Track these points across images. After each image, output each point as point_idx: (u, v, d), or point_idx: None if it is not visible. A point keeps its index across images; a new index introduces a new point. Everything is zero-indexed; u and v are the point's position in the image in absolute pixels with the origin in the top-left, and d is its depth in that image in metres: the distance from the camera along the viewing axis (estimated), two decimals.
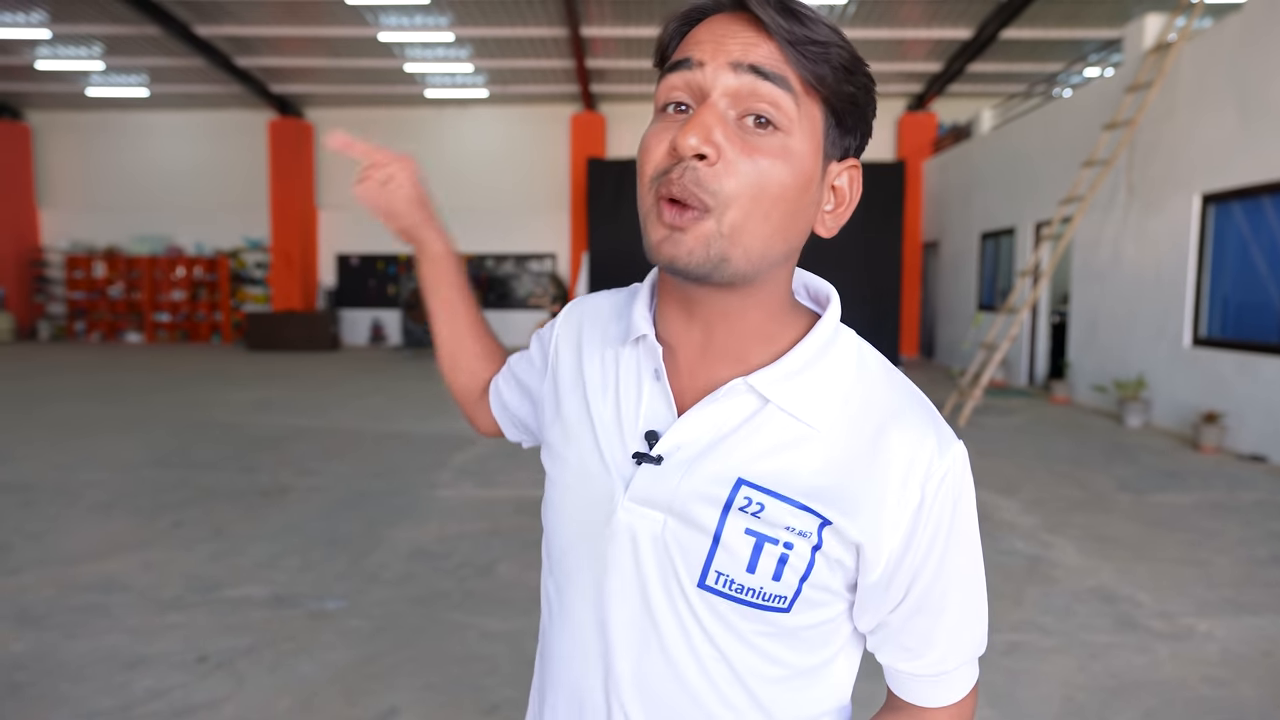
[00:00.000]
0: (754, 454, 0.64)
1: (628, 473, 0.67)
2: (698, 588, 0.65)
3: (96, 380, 10.20)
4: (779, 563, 0.63)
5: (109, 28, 11.60)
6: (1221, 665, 2.85)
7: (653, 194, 0.62)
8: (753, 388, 0.65)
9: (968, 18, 11.14)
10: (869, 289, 11.70)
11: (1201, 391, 6.85)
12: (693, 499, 0.64)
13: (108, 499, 4.80)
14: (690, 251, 0.60)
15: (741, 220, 0.60)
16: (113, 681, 2.65)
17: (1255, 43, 6.38)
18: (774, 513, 0.63)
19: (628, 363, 0.71)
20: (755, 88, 0.60)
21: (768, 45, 0.60)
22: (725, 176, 0.59)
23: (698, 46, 0.62)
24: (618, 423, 0.69)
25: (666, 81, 0.63)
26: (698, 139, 0.58)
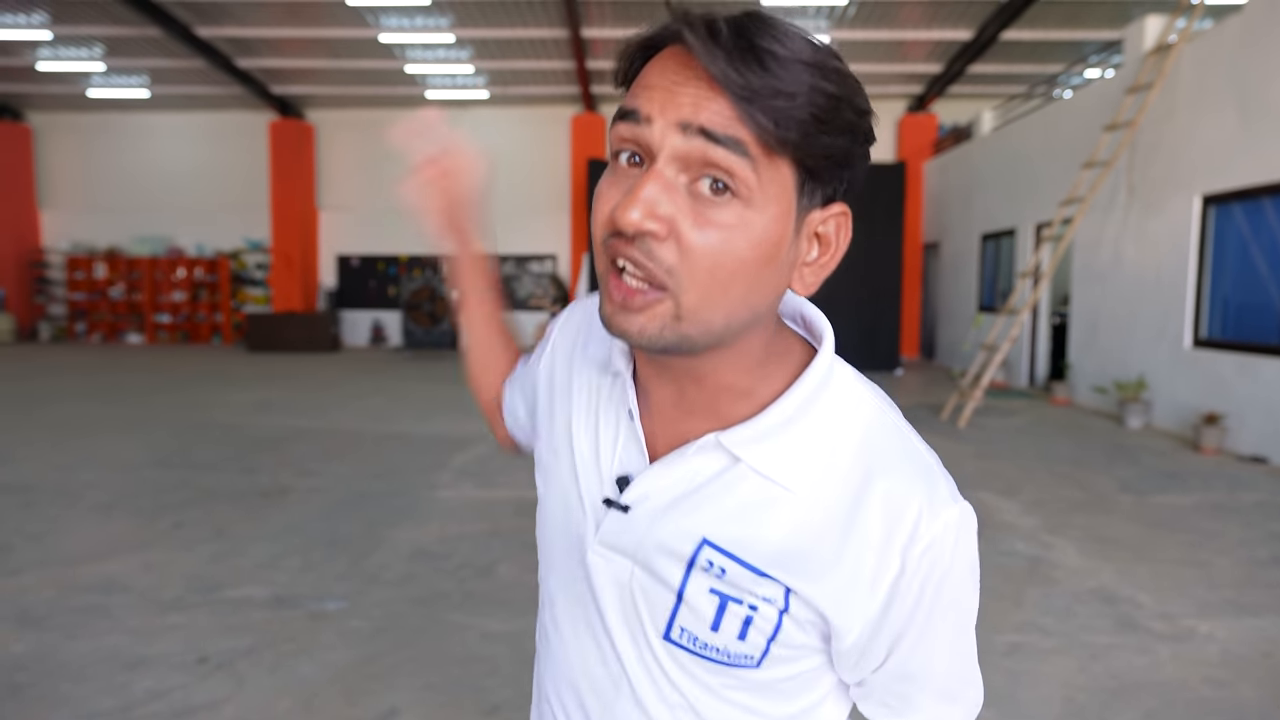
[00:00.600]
0: (721, 514, 0.60)
1: (599, 514, 0.65)
2: (663, 640, 0.63)
3: (97, 381, 10.20)
4: (744, 623, 0.60)
5: (110, 29, 11.62)
6: (1222, 666, 2.84)
7: (605, 257, 0.56)
8: (723, 446, 0.60)
9: (968, 19, 11.15)
10: (869, 290, 11.70)
11: (1202, 392, 6.85)
12: (657, 553, 0.62)
13: (108, 500, 4.80)
14: (642, 330, 0.55)
15: (700, 299, 0.54)
16: (113, 682, 2.65)
17: (1255, 44, 6.38)
18: (736, 577, 0.60)
19: (609, 393, 0.69)
20: (706, 153, 0.52)
21: (720, 100, 0.51)
22: (678, 253, 0.53)
23: (647, 94, 0.54)
24: (595, 459, 0.67)
25: (616, 130, 0.56)
26: (640, 214, 0.52)
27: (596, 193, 0.58)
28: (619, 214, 0.53)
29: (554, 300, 12.90)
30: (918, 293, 14.13)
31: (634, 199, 0.52)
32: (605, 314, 0.57)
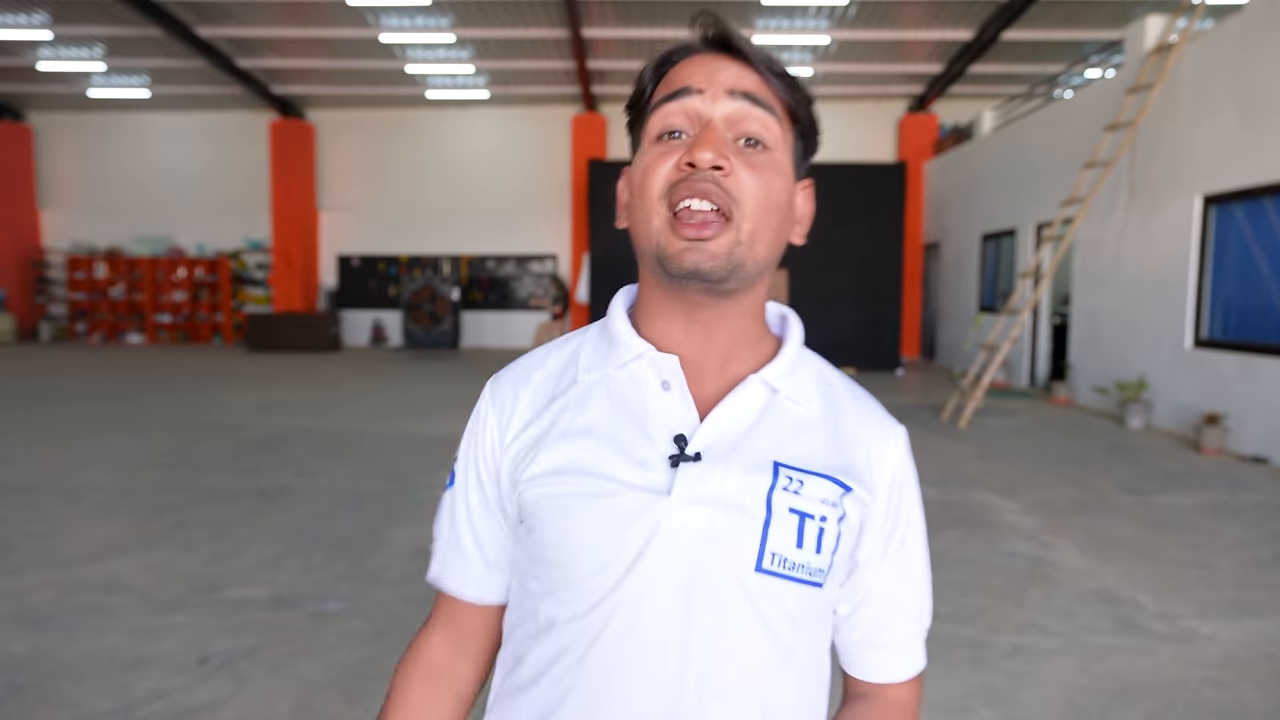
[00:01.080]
0: (777, 440, 0.71)
1: (664, 479, 0.68)
2: (756, 572, 0.68)
3: (98, 381, 10.20)
4: (818, 536, 0.70)
5: (110, 29, 11.62)
6: (1223, 667, 2.84)
7: (664, 206, 0.68)
8: (766, 382, 0.73)
9: (969, 19, 11.15)
10: (870, 290, 11.71)
11: (1203, 393, 6.84)
12: (740, 487, 0.68)
13: (109, 500, 4.80)
14: (714, 257, 0.66)
15: (755, 229, 0.68)
16: (114, 683, 2.64)
17: (1256, 44, 6.37)
18: (810, 488, 0.70)
19: (621, 384, 0.73)
20: (749, 112, 0.69)
21: (753, 76, 0.70)
22: (738, 187, 0.67)
23: (691, 77, 0.69)
24: (638, 436, 0.70)
25: (662, 110, 0.70)
26: (713, 153, 0.66)
27: (641, 168, 0.70)
28: (695, 154, 0.66)
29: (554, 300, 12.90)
30: (918, 293, 14.13)
31: (706, 143, 0.67)
32: (673, 252, 0.67)
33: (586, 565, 0.69)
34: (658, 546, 0.67)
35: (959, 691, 2.65)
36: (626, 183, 0.76)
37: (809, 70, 13.26)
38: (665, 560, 0.67)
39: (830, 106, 14.93)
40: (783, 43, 12.06)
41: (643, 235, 0.70)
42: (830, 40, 11.87)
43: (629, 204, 0.74)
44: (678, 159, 0.68)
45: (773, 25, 11.50)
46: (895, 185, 11.68)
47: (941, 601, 3.38)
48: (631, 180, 0.73)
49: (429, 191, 15.44)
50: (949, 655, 2.90)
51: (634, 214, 0.71)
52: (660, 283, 0.72)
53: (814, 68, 13.15)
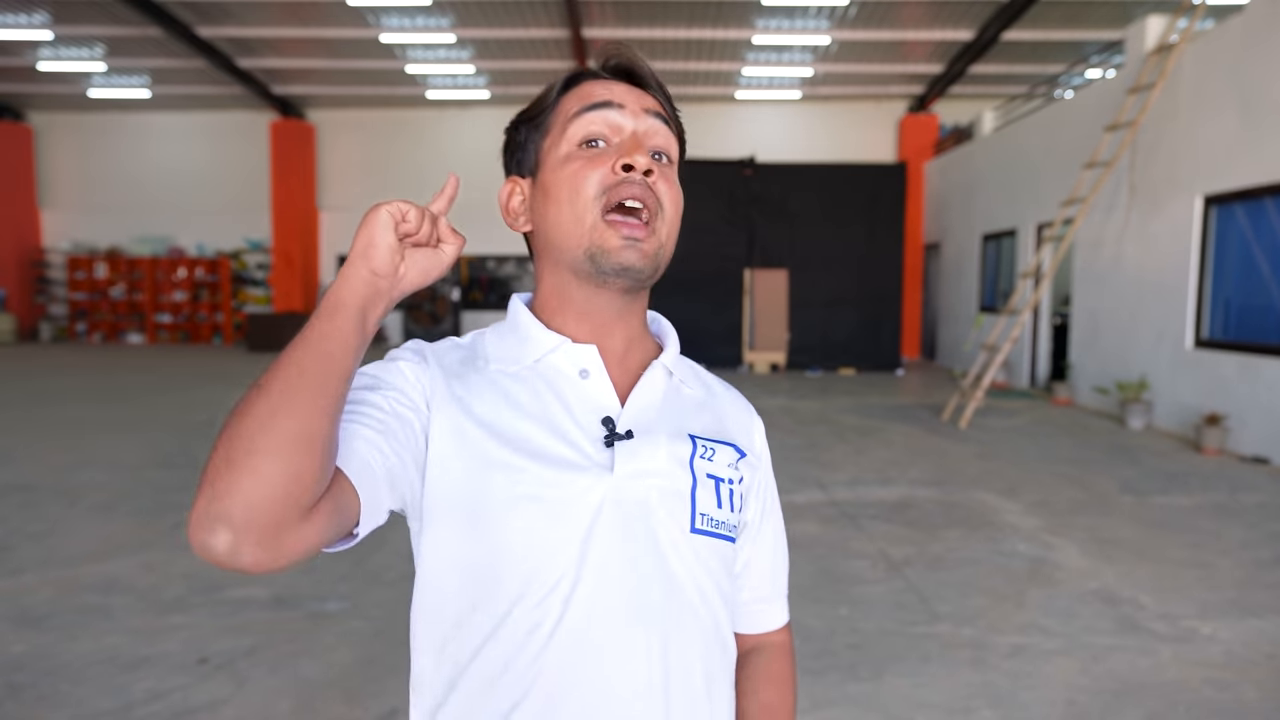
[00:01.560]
0: (684, 414, 0.81)
1: (603, 458, 0.73)
2: (691, 533, 0.75)
3: (98, 381, 10.20)
4: (730, 496, 0.78)
5: (111, 29, 11.62)
6: (1224, 668, 2.84)
7: (598, 207, 0.73)
8: (665, 367, 0.81)
9: (969, 19, 11.14)
10: (870, 290, 11.71)
11: (1203, 393, 6.84)
12: (669, 457, 0.75)
13: (109, 500, 4.79)
14: (644, 256, 0.74)
15: (669, 233, 0.77)
16: (113, 683, 2.64)
17: (1257, 44, 6.37)
18: (719, 455, 0.79)
19: (536, 377, 0.77)
20: (659, 129, 0.78)
21: (652, 99, 0.79)
22: (660, 194, 0.75)
23: (608, 94, 0.77)
24: (565, 423, 0.74)
25: (584, 119, 0.75)
26: (645, 159, 0.74)
27: (570, 173, 0.75)
28: (633, 156, 0.73)
29: None
30: (919, 293, 14.12)
31: (638, 149, 0.75)
32: (611, 248, 0.73)
33: (541, 551, 0.69)
34: (607, 521, 0.71)
35: (960, 692, 2.65)
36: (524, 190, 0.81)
37: (809, 70, 13.25)
38: (616, 533, 0.71)
39: (830, 107, 14.94)
40: (783, 43, 12.06)
41: (569, 234, 0.74)
42: (831, 40, 11.87)
43: (541, 209, 0.77)
44: (611, 164, 0.73)
45: (773, 25, 11.50)
46: (895, 185, 11.67)
47: (942, 602, 3.38)
48: (550, 185, 0.76)
49: (429, 191, 15.42)
50: (950, 656, 2.90)
51: (554, 217, 0.75)
52: (576, 282, 0.77)
53: (814, 68, 13.15)
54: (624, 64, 0.79)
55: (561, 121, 0.77)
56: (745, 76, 13.70)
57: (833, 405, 8.59)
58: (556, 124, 0.77)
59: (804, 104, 14.92)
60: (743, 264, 11.51)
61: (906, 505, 4.82)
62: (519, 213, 0.81)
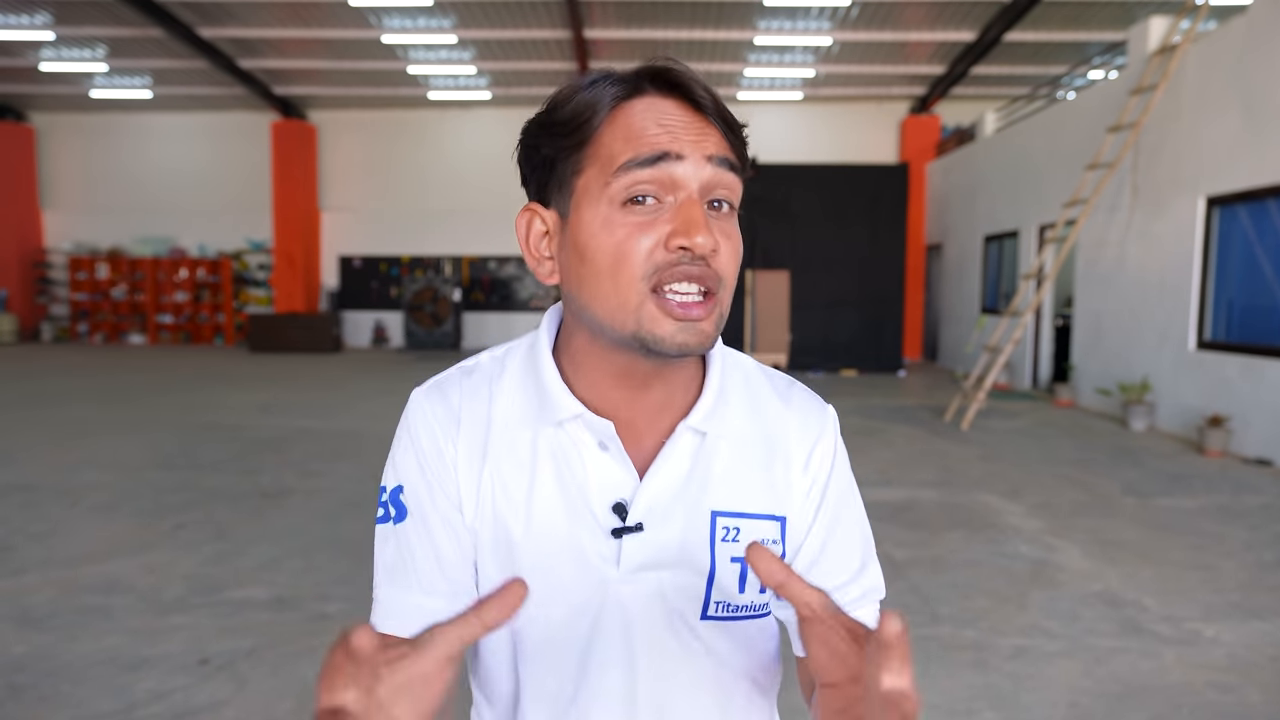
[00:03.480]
0: (711, 486, 0.71)
1: (609, 549, 0.68)
2: (701, 620, 0.71)
3: (99, 382, 10.21)
4: None
5: (113, 30, 11.63)
6: (1228, 670, 2.83)
7: (647, 285, 0.63)
8: (694, 429, 0.70)
9: (971, 20, 11.14)
10: (872, 292, 11.70)
11: (1206, 395, 6.83)
12: (682, 547, 0.69)
13: (110, 501, 4.79)
14: (706, 336, 0.65)
15: (727, 300, 0.67)
16: (114, 683, 2.64)
17: (1260, 45, 6.36)
18: (747, 532, 0.71)
19: (557, 444, 0.69)
20: (721, 179, 0.64)
21: (715, 133, 0.65)
22: (722, 264, 0.65)
23: (665, 136, 0.63)
24: (574, 504, 0.69)
25: (632, 175, 0.62)
26: (709, 239, 0.62)
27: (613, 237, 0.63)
28: (693, 238, 0.62)
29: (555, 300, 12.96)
30: (920, 294, 14.11)
31: (698, 226, 0.62)
32: (664, 334, 0.63)
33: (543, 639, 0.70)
34: (608, 615, 0.69)
35: (962, 694, 2.64)
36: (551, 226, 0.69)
37: (811, 71, 13.25)
38: (615, 627, 0.69)
39: (832, 107, 14.93)
40: (785, 44, 12.06)
41: (610, 314, 0.64)
42: (832, 41, 11.87)
43: (575, 270, 0.66)
44: (661, 237, 0.63)
45: (775, 26, 11.50)
46: (897, 186, 11.66)
47: (944, 604, 3.37)
48: (587, 248, 0.65)
49: (431, 192, 15.44)
50: (952, 657, 2.89)
51: (593, 287, 0.65)
52: (616, 350, 0.67)
53: (816, 69, 13.15)
54: (679, 81, 0.65)
55: (603, 162, 0.64)
56: (747, 77, 13.70)
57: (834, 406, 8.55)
58: (597, 161, 0.64)
59: (806, 105, 14.92)
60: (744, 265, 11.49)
61: (908, 506, 4.82)
62: (542, 257, 0.70)
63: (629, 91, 0.65)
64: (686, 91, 0.64)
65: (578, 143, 0.65)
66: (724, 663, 0.72)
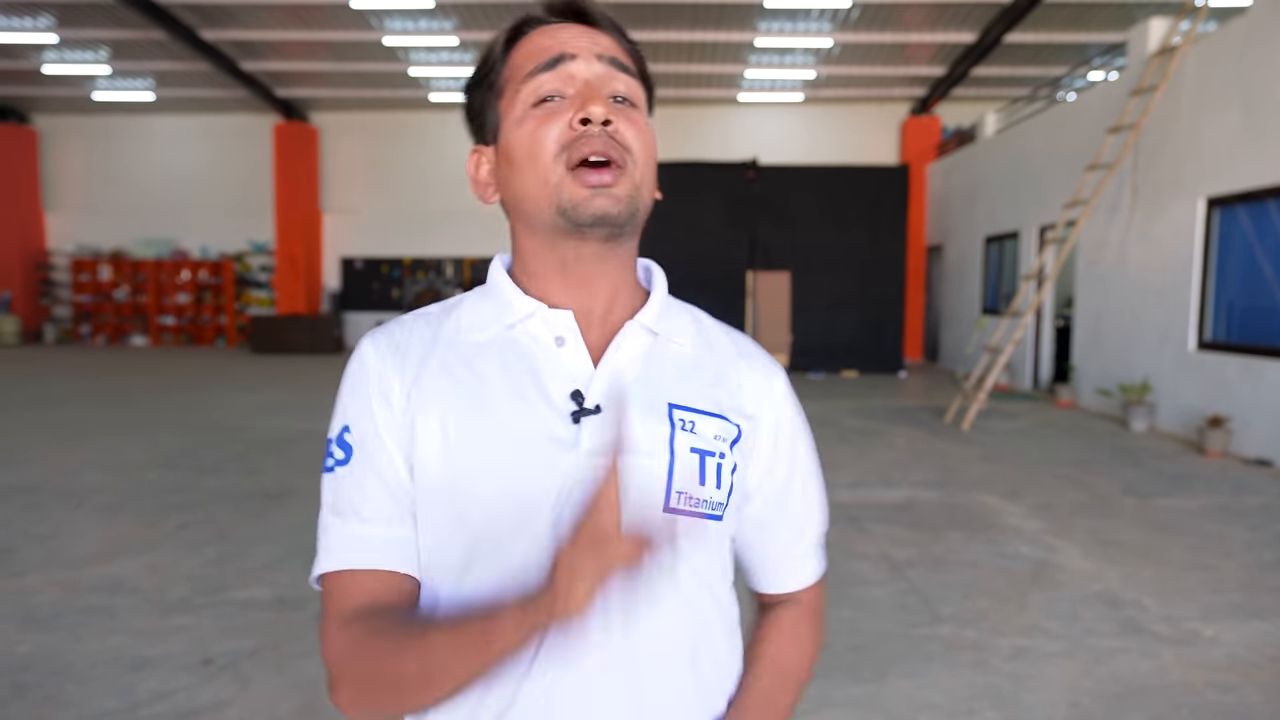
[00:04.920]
0: (666, 381, 0.75)
1: (568, 433, 0.70)
2: (664, 511, 0.71)
3: (101, 383, 10.22)
4: (717, 471, 0.74)
5: (115, 32, 11.66)
6: (1228, 670, 2.83)
7: (561, 164, 0.69)
8: (644, 326, 0.76)
9: (971, 21, 11.15)
10: (873, 293, 11.71)
11: (1206, 395, 6.83)
12: (642, 434, 0.71)
13: (113, 501, 4.81)
14: (618, 200, 0.69)
15: (642, 175, 0.72)
16: (118, 683, 2.65)
17: (1260, 46, 6.37)
18: (703, 426, 0.74)
19: (509, 346, 0.74)
20: (614, 75, 0.72)
21: (610, 42, 0.74)
22: (626, 139, 0.70)
23: (560, 45, 0.72)
24: (534, 397, 0.71)
25: (536, 80, 0.71)
26: (602, 108, 0.69)
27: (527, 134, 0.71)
28: (589, 108, 0.68)
29: None
30: (921, 295, 14.12)
31: (595, 99, 0.69)
32: (580, 199, 0.69)
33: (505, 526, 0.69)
34: (572, 499, 0.68)
35: (963, 694, 2.65)
36: (489, 158, 0.76)
37: (811, 73, 13.26)
38: None
39: (833, 109, 14.94)
40: (785, 45, 12.07)
41: (537, 197, 0.70)
42: (833, 43, 11.88)
43: (506, 175, 0.74)
44: (568, 118, 0.69)
45: (775, 28, 11.52)
46: (898, 188, 11.67)
47: (945, 603, 3.38)
48: (510, 149, 0.72)
49: (432, 194, 15.46)
50: (952, 657, 2.90)
51: (519, 181, 0.72)
52: (550, 241, 0.73)
53: (817, 70, 13.16)
54: (572, 5, 0.74)
55: (514, 82, 0.72)
56: (747, 79, 13.71)
57: (835, 407, 8.58)
58: (509, 84, 0.73)
59: (806, 106, 14.93)
60: (745, 266, 11.52)
61: (909, 507, 4.82)
62: (487, 183, 0.77)
63: (528, 24, 0.74)
64: (577, 11, 0.73)
65: (493, 77, 0.75)
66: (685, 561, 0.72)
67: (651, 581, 0.70)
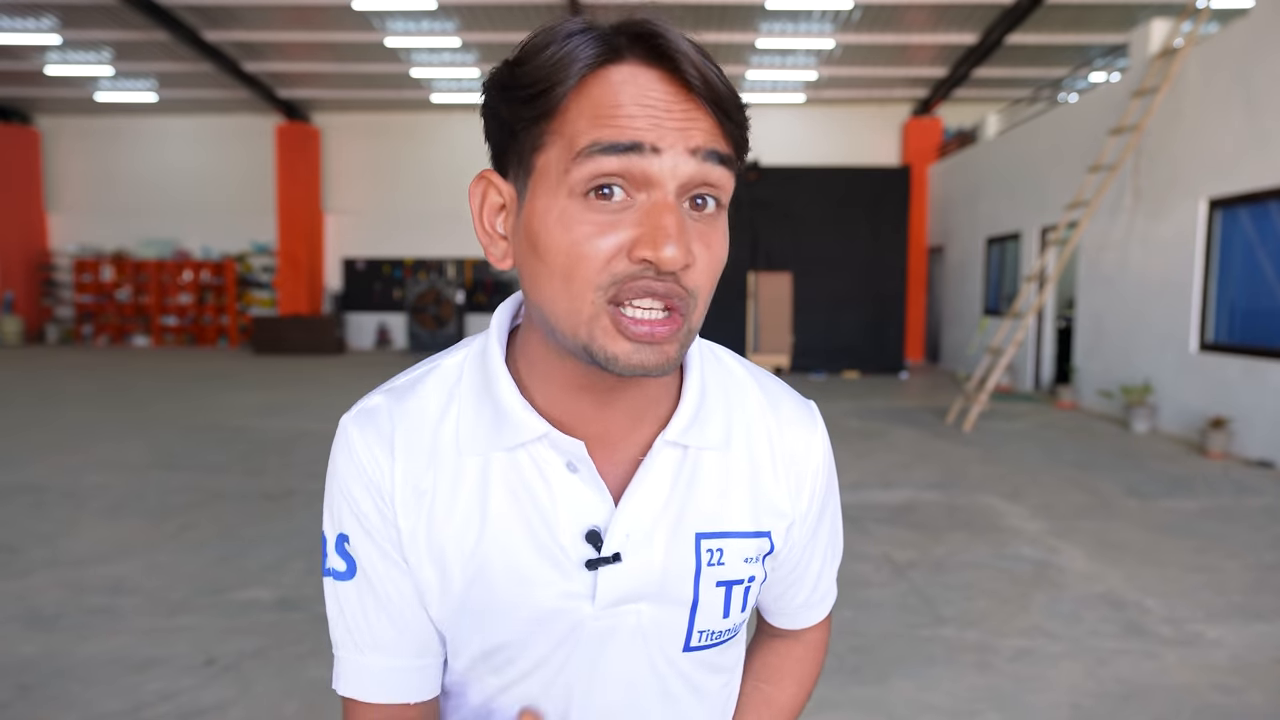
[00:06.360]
0: (695, 505, 0.64)
1: (582, 584, 0.61)
2: (684, 653, 0.67)
3: (104, 384, 10.24)
4: (744, 596, 0.67)
5: (118, 33, 11.68)
6: (1231, 672, 2.83)
7: (603, 297, 0.54)
8: (673, 443, 0.63)
9: (973, 23, 11.15)
10: (874, 294, 11.71)
11: (1208, 397, 6.83)
12: (665, 577, 0.63)
13: (115, 502, 4.82)
14: (667, 358, 0.55)
15: (699, 315, 0.57)
16: (122, 684, 2.66)
17: (1261, 48, 6.37)
18: (732, 552, 0.65)
19: (512, 468, 0.62)
20: (707, 174, 0.54)
21: (706, 118, 0.53)
22: (696, 276, 0.55)
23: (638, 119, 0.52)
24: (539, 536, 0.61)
25: (596, 163, 0.52)
26: (679, 253, 0.52)
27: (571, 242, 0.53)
28: (660, 253, 0.52)
29: None
30: (922, 296, 14.12)
31: (668, 235, 0.52)
32: (617, 354, 0.54)
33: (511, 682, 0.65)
34: (582, 652, 0.63)
35: (965, 695, 2.65)
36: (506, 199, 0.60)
37: (813, 74, 13.27)
38: (589, 663, 0.64)
39: (834, 110, 14.95)
40: (787, 47, 12.09)
41: (562, 318, 0.56)
42: (834, 44, 11.89)
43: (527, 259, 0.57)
44: (625, 243, 0.53)
45: (777, 29, 11.52)
46: (899, 189, 11.68)
47: (946, 605, 3.38)
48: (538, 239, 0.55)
49: (434, 194, 15.47)
50: (954, 659, 2.90)
51: (544, 285, 0.56)
52: (568, 361, 0.60)
53: (818, 71, 13.16)
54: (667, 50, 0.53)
55: (567, 137, 0.53)
56: (749, 80, 13.72)
57: (837, 408, 8.59)
58: (560, 137, 0.54)
59: (808, 107, 14.94)
60: (746, 267, 11.53)
61: (910, 508, 4.82)
62: (495, 235, 0.61)
63: (604, 56, 0.54)
64: (674, 65, 0.53)
65: (539, 114, 0.55)
66: (703, 693, 0.69)
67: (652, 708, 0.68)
